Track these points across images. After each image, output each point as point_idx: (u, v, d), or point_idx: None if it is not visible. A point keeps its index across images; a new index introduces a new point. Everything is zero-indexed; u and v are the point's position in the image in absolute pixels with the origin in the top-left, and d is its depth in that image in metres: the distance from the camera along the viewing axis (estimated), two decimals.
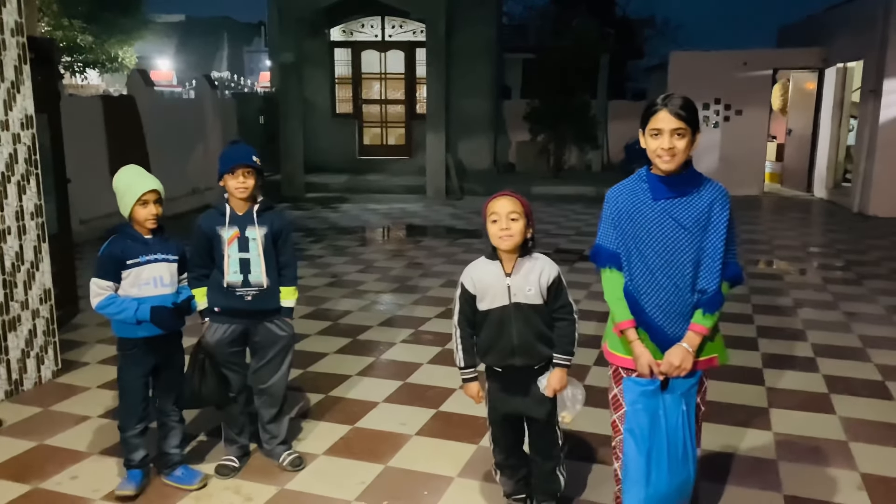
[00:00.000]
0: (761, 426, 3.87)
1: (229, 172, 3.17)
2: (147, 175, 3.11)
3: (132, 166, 3.17)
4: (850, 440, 3.71)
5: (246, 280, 3.21)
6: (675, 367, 2.42)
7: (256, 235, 3.21)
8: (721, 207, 2.45)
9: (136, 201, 3.03)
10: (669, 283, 2.45)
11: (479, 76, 14.97)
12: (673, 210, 2.45)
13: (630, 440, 2.46)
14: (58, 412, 4.07)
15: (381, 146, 16.04)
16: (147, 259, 3.06)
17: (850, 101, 12.81)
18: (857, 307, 6.18)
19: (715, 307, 2.43)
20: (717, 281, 2.43)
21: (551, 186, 13.78)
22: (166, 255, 3.12)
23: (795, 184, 14.22)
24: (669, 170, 2.43)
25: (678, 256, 2.44)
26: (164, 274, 3.11)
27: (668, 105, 2.39)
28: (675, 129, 2.37)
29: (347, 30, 15.69)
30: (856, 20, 11.87)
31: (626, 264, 2.51)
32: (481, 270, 2.75)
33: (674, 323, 2.46)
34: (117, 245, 3.04)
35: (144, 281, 3.05)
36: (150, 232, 3.10)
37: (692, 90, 11.03)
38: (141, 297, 3.02)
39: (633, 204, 2.50)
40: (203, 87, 12.80)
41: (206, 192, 12.28)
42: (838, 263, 7.95)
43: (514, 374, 2.75)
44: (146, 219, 3.05)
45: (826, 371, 4.69)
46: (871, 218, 11.01)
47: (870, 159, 11.23)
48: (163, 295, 3.08)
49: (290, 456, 3.42)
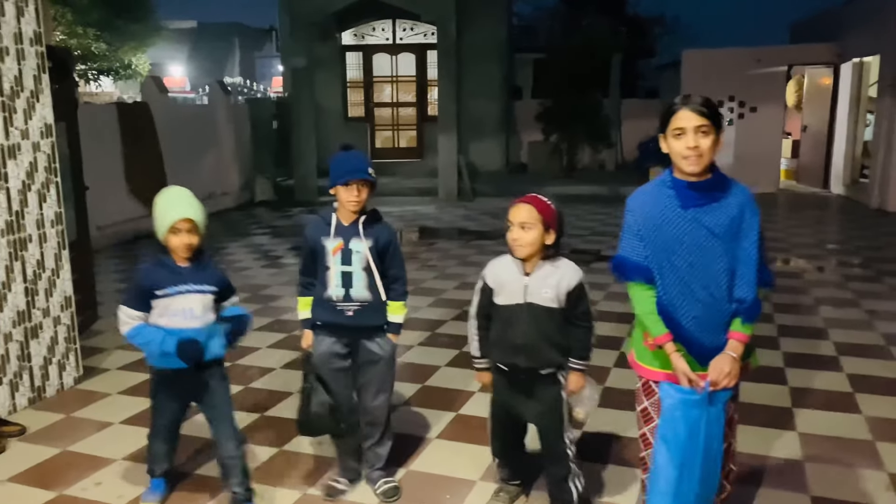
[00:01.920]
0: (786, 426, 3.83)
1: (343, 184, 2.97)
2: (184, 201, 2.89)
3: (172, 189, 2.96)
4: (876, 440, 3.67)
5: (347, 294, 3.04)
6: (727, 374, 2.32)
7: (361, 248, 3.02)
8: (752, 212, 2.35)
9: (168, 230, 2.85)
10: (705, 293, 2.34)
11: (489, 77, 14.97)
12: (703, 218, 2.34)
13: (662, 448, 2.37)
14: (80, 419, 4.10)
15: (392, 149, 16.07)
16: (178, 290, 2.88)
17: (867, 96, 12.68)
18: (879, 305, 6.11)
19: (755, 316, 2.36)
20: (754, 289, 2.34)
21: (564, 186, 13.72)
22: (200, 286, 2.93)
23: (811, 180, 14.10)
24: (696, 172, 2.32)
25: (712, 266, 2.33)
26: (196, 306, 2.91)
27: (689, 103, 2.31)
28: (698, 126, 2.28)
29: (358, 33, 15.73)
30: (871, 14, 11.75)
31: (658, 277, 2.39)
32: (502, 266, 2.78)
33: (710, 334, 2.36)
34: (149, 275, 2.90)
35: (173, 312, 2.88)
36: (185, 260, 2.92)
37: (705, 88, 10.95)
38: (169, 329, 2.88)
39: (661, 213, 2.38)
40: (216, 93, 12.86)
41: (222, 197, 12.36)
42: (857, 260, 7.87)
43: (519, 375, 2.76)
44: (178, 248, 2.87)
45: (849, 370, 4.63)
46: (889, 214, 10.89)
47: (888, 155, 11.11)
48: (192, 328, 2.90)
49: (386, 485, 3.20)
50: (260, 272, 7.72)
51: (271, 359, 5.01)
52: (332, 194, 3.05)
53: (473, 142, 14.71)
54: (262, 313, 6.13)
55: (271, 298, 6.63)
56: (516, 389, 2.79)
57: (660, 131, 2.40)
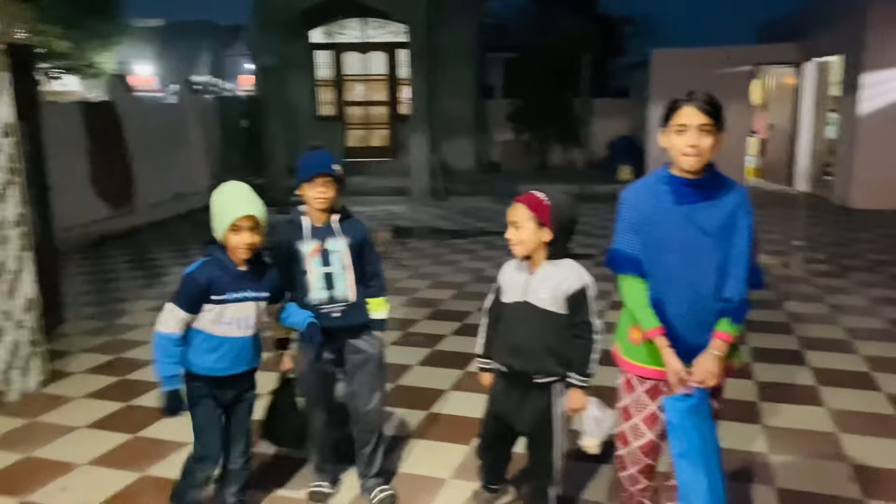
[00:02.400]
0: (752, 420, 3.89)
1: (307, 181, 2.91)
2: (246, 196, 2.66)
3: (233, 184, 2.72)
4: (839, 432, 3.74)
5: (331, 296, 2.97)
6: (711, 373, 2.32)
7: (339, 247, 2.97)
8: (745, 213, 2.36)
9: (229, 227, 2.62)
10: (692, 290, 2.34)
11: (461, 76, 14.97)
12: (696, 215, 2.34)
13: (685, 464, 2.34)
14: (45, 423, 4.02)
15: (365, 148, 16.00)
16: (235, 297, 2.66)
17: (829, 95, 12.93)
18: (842, 300, 6.23)
19: (743, 316, 2.35)
20: (743, 289, 2.34)
21: (536, 185, 13.67)
22: (258, 292, 2.72)
23: (777, 178, 14.33)
24: (694, 169, 2.31)
25: (701, 263, 2.33)
26: (251, 314, 2.72)
27: (694, 100, 2.28)
28: (701, 124, 2.27)
29: (328, 32, 15.64)
30: (834, 15, 11.98)
31: (648, 271, 2.39)
32: (511, 265, 2.77)
33: (695, 332, 2.36)
34: (205, 273, 2.63)
35: (227, 320, 2.67)
36: (244, 262, 2.70)
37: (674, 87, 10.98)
38: (223, 337, 2.67)
39: (655, 207, 2.38)
40: (184, 92, 12.71)
41: (190, 197, 12.21)
42: (822, 256, 8.02)
43: (514, 378, 2.71)
44: (238, 248, 2.64)
45: (814, 364, 4.72)
46: (852, 210, 11.12)
47: (851, 152, 11.34)
48: (244, 338, 2.71)
49: (383, 493, 3.12)
50: None
51: None
52: (300, 195, 3.01)
53: (446, 141, 14.71)
54: None
55: None
56: (511, 394, 2.73)
57: (661, 125, 2.38)
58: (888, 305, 6.01)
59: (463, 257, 8.05)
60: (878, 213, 10.73)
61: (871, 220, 10.27)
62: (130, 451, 3.68)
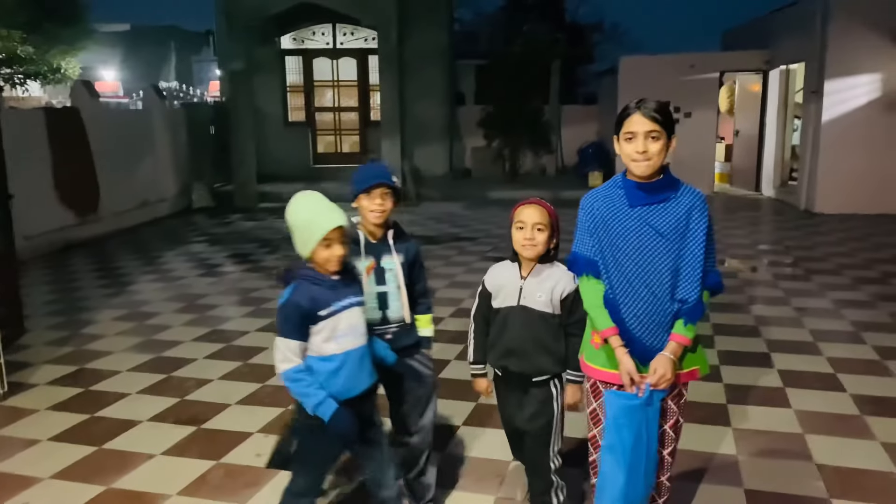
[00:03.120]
0: (721, 422, 3.93)
1: (365, 192, 2.78)
2: (332, 207, 2.50)
3: (311, 195, 2.55)
4: (805, 432, 3.79)
5: (385, 316, 2.83)
6: (663, 377, 2.34)
7: (393, 265, 2.83)
8: (700, 214, 2.38)
9: (321, 241, 2.44)
10: (647, 292, 2.38)
11: (432, 82, 14.99)
12: (650, 217, 2.38)
13: (609, 457, 2.39)
14: (5, 437, 3.91)
15: (335, 154, 15.93)
16: (342, 306, 2.49)
17: (794, 101, 13.19)
18: (807, 302, 6.34)
19: (696, 317, 2.37)
20: (697, 290, 2.36)
21: (507, 191, 13.83)
22: (358, 297, 2.57)
23: (744, 183, 14.57)
24: (644, 174, 2.36)
25: (655, 265, 2.37)
26: (360, 321, 2.56)
27: (642, 108, 2.34)
28: (648, 131, 2.32)
29: (298, 37, 15.56)
30: (796, 23, 12.23)
31: (604, 273, 2.44)
32: (500, 270, 2.77)
33: (652, 333, 2.39)
34: (303, 294, 2.44)
35: (342, 332, 2.48)
36: (335, 273, 2.53)
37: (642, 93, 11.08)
38: (344, 352, 2.49)
39: (610, 211, 2.44)
40: (150, 98, 12.53)
41: (158, 205, 12.04)
42: (787, 260, 8.16)
43: (511, 380, 2.75)
44: (329, 261, 2.47)
45: (780, 366, 4.79)
46: (817, 215, 11.33)
47: (814, 158, 11.57)
48: (361, 346, 2.55)
49: None
50: (197, 281, 7.53)
51: (209, 370, 4.88)
52: (354, 207, 2.86)
53: (418, 147, 14.71)
54: (199, 323, 5.98)
55: (208, 308, 6.47)
56: (510, 394, 2.79)
57: (615, 133, 2.43)
58: (851, 308, 6.13)
59: (436, 263, 8.03)
60: (840, 217, 10.96)
61: (835, 223, 10.48)
62: (95, 463, 3.59)
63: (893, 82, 11.03)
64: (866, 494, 3.18)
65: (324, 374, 2.47)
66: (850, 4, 10.99)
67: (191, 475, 3.43)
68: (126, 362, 5.06)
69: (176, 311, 6.34)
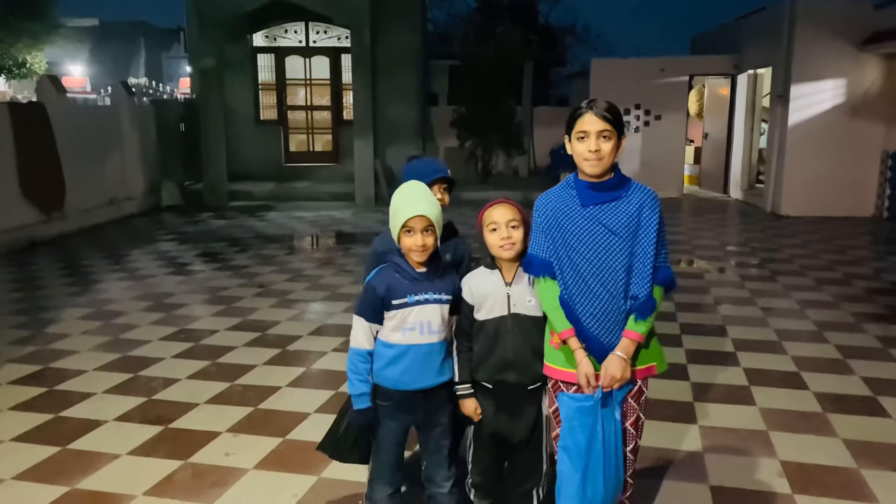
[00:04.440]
0: (687, 420, 3.99)
1: None
2: (419, 196, 2.53)
3: (408, 185, 2.59)
4: (769, 430, 3.87)
5: None
6: (615, 378, 2.35)
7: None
8: (650, 211, 2.41)
9: (401, 228, 2.50)
10: (603, 290, 2.38)
11: (405, 83, 14.97)
12: (602, 216, 2.40)
13: (564, 457, 2.41)
14: None
15: (307, 153, 15.82)
16: (416, 300, 2.52)
17: (761, 105, 13.42)
18: (773, 302, 6.45)
19: (647, 313, 2.39)
20: (648, 286, 2.38)
21: (480, 192, 13.84)
22: (439, 294, 2.56)
23: (712, 185, 14.78)
24: (596, 173, 2.40)
25: (610, 263, 2.38)
26: (434, 318, 2.55)
27: (594, 108, 2.37)
28: (600, 130, 2.36)
29: (270, 35, 15.43)
30: (764, 29, 12.45)
31: (558, 273, 2.43)
32: (480, 279, 2.61)
33: (609, 332, 2.40)
34: (382, 279, 2.54)
35: (409, 326, 2.53)
36: (420, 265, 2.56)
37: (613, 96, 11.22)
38: (407, 345, 2.53)
39: (562, 211, 2.45)
40: (119, 94, 12.35)
41: (125, 203, 11.86)
42: (754, 261, 8.30)
43: (505, 392, 2.60)
44: (411, 250, 2.51)
45: (746, 364, 4.87)
46: (782, 217, 11.54)
47: (780, 161, 11.78)
48: (430, 344, 2.55)
49: None
50: (165, 280, 7.43)
51: (177, 370, 4.82)
52: None
53: (390, 146, 14.67)
54: (166, 322, 5.90)
55: (175, 307, 6.39)
56: (502, 409, 2.62)
57: (566, 133, 2.46)
58: (814, 308, 6.26)
59: None
60: (805, 220, 11.18)
61: (800, 226, 10.69)
62: (58, 464, 3.53)
63: (857, 87, 11.29)
64: (828, 490, 3.26)
65: (383, 359, 2.55)
66: (816, 11, 11.22)
67: (157, 475, 3.39)
68: (91, 361, 4.98)
69: (143, 310, 6.25)
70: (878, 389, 4.42)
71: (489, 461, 2.73)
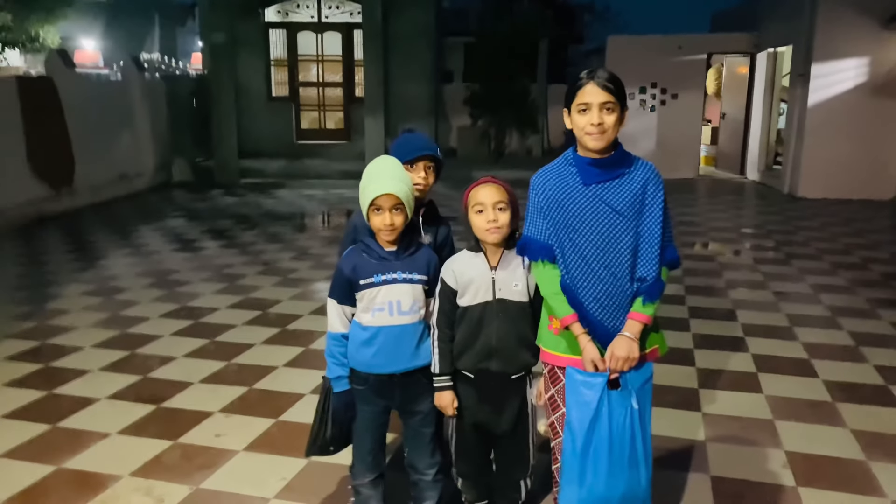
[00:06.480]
0: (691, 407, 3.87)
1: (408, 164, 2.59)
2: (388, 173, 2.43)
3: (378, 161, 2.50)
4: (776, 419, 3.74)
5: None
6: (623, 358, 2.24)
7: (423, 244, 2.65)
8: (655, 188, 2.29)
9: (369, 206, 2.41)
10: (607, 273, 2.26)
11: (418, 60, 14.79)
12: (605, 194, 2.26)
13: (568, 436, 2.29)
14: None
15: (319, 130, 15.72)
16: (382, 279, 2.44)
17: (781, 85, 13.11)
18: (786, 286, 6.29)
19: (656, 295, 2.27)
20: (656, 268, 2.26)
21: (493, 171, 13.70)
22: (409, 274, 2.47)
23: (729, 166, 14.51)
24: (599, 148, 2.25)
25: (614, 244, 2.25)
26: (404, 298, 2.46)
27: (595, 78, 2.21)
28: (603, 102, 2.20)
29: (282, 10, 15.28)
30: (785, 6, 12.10)
31: (559, 256, 2.31)
32: (464, 263, 2.47)
33: (613, 316, 2.28)
34: (350, 260, 2.48)
35: (378, 306, 2.44)
36: (391, 244, 2.48)
37: (629, 74, 11.10)
38: (377, 326, 2.45)
39: (563, 190, 2.30)
40: (129, 69, 12.27)
41: (136, 179, 11.82)
42: (769, 244, 8.12)
43: (488, 381, 2.49)
44: (380, 229, 2.43)
45: (755, 350, 4.74)
46: (800, 199, 11.30)
47: (799, 142, 11.51)
48: (401, 325, 2.46)
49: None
50: (171, 256, 7.39)
51: (174, 348, 4.77)
52: None
53: (402, 125, 14.51)
54: (168, 299, 5.86)
55: (178, 283, 6.34)
56: (484, 399, 2.50)
57: (565, 106, 2.30)
58: (828, 292, 6.09)
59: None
60: (823, 202, 10.94)
61: (817, 208, 10.45)
62: (47, 442, 3.49)
63: (880, 67, 10.96)
64: (834, 483, 3.14)
65: (356, 341, 2.49)
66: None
67: (145, 455, 3.34)
68: (89, 338, 4.94)
69: (146, 287, 6.21)
70: (891, 378, 4.27)
71: (474, 452, 2.63)
